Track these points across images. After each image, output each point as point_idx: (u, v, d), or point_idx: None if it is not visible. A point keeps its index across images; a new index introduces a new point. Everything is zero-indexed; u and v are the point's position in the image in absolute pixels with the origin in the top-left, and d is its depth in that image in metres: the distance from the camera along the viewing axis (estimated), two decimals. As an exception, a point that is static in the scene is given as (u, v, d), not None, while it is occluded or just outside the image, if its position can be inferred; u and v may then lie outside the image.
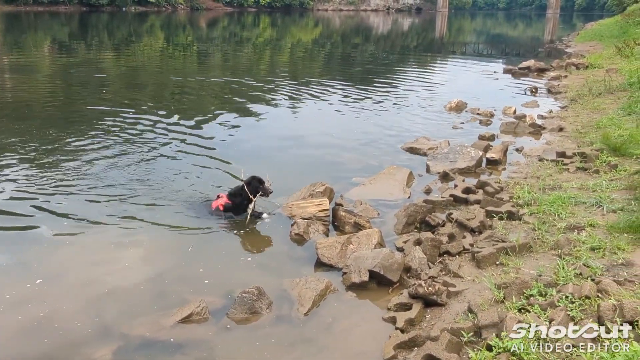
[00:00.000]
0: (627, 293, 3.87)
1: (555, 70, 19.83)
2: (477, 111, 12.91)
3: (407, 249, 5.69)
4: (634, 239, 4.97)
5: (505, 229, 5.88)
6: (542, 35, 57.60)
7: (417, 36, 55.50)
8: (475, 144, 9.58)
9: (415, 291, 4.63)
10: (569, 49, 30.11)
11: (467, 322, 4.06)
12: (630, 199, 6.05)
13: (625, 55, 18.59)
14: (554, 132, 10.54)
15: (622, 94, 12.70)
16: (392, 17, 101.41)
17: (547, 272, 4.62)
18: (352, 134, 10.95)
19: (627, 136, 8.23)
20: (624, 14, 36.15)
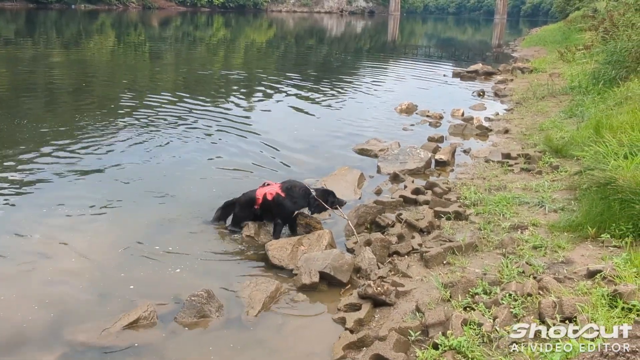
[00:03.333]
0: (567, 290, 4.00)
1: (502, 74, 20.38)
2: (427, 113, 13.14)
3: (357, 250, 5.75)
4: (573, 237, 5.16)
5: (453, 229, 6.02)
6: (490, 39, 59.15)
7: (370, 39, 56.06)
8: (424, 145, 9.76)
9: (364, 291, 4.68)
10: (515, 54, 31.00)
11: (415, 321, 4.12)
12: (570, 199, 6.28)
13: (567, 60, 19.27)
14: (500, 134, 10.84)
15: (564, 98, 13.17)
16: (345, 19, 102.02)
17: (492, 270, 4.74)
18: (304, 135, 10.97)
19: (568, 138, 8.53)
20: (567, 20, 37.43)
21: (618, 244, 4.74)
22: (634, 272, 4.01)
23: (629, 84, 10.00)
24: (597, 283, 4.00)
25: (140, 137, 10.24)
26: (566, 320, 3.57)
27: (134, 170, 8.34)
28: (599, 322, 3.38)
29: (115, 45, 32.02)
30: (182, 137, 10.40)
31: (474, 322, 3.79)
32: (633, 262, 4.14)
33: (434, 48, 44.76)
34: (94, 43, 32.28)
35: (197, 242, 6.02)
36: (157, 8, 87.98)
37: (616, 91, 10.09)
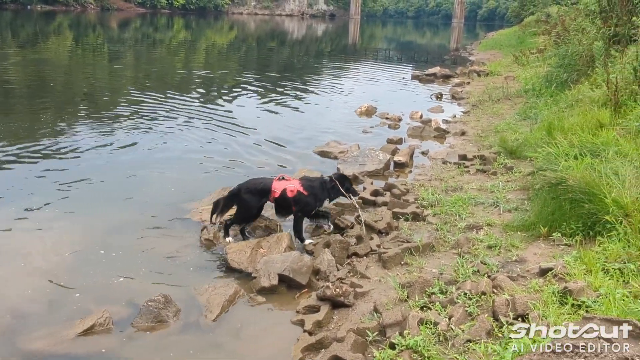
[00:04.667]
0: (519, 288, 4.10)
1: (459, 77, 20.77)
2: (386, 116, 13.26)
3: (316, 252, 5.74)
4: (526, 236, 5.29)
5: (410, 230, 6.09)
6: (448, 43, 60.21)
7: (331, 42, 56.32)
8: (383, 147, 9.85)
9: (323, 293, 4.68)
10: (472, 57, 31.64)
11: (373, 322, 4.15)
12: (523, 199, 6.44)
13: (522, 63, 19.76)
14: (457, 136, 11.04)
15: (518, 100, 13.51)
16: (306, 22, 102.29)
17: (448, 270, 4.82)
18: (266, 136, 10.91)
19: (522, 140, 8.74)
20: (521, 25, 38.39)
21: (568, 243, 4.87)
22: (583, 269, 4.13)
23: (579, 86, 10.32)
24: (549, 281, 4.11)
25: (99, 137, 10.08)
26: (519, 318, 3.65)
27: (93, 171, 8.20)
28: (549, 318, 3.46)
29: (73, 47, 31.30)
30: (144, 138, 10.26)
31: (430, 321, 3.84)
32: (582, 259, 4.26)
33: (393, 51, 45.28)
34: (52, 44, 31.47)
35: (154, 246, 5.91)
36: (116, 9, 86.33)
37: (568, 94, 10.39)
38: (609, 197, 4.67)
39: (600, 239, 4.57)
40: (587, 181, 5.02)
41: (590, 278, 3.93)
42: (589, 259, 4.20)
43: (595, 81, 9.63)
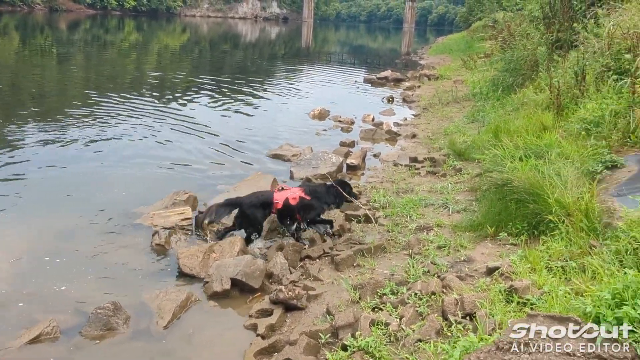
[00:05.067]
0: (468, 287, 4.19)
1: (410, 81, 21.11)
2: (339, 119, 13.35)
3: (269, 255, 5.73)
4: (474, 236, 5.42)
5: (363, 232, 6.14)
6: (400, 47, 61.11)
7: (285, 45, 56.30)
8: (336, 150, 9.92)
9: (276, 297, 4.67)
10: (423, 61, 32.21)
11: (325, 324, 4.17)
12: (471, 200, 6.60)
13: (470, 67, 20.25)
14: (407, 139, 11.22)
15: (467, 103, 13.84)
16: (259, 25, 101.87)
17: (399, 271, 4.88)
18: (219, 140, 10.82)
19: (470, 142, 8.96)
20: (469, 30, 39.41)
21: (514, 242, 5.01)
22: (528, 268, 4.26)
23: (524, 90, 10.64)
24: (495, 279, 4.21)
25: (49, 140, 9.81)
26: (467, 317, 3.73)
27: (41, 174, 7.99)
28: (496, 317, 3.55)
29: (20, 48, 30.22)
30: (95, 141, 10.04)
31: (382, 322, 3.88)
32: (527, 258, 4.39)
33: (346, 55, 45.64)
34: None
35: (104, 252, 5.77)
36: (65, 10, 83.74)
37: (513, 97, 10.71)
38: (552, 198, 4.84)
39: (544, 238, 4.72)
40: (531, 182, 5.19)
41: (535, 276, 4.05)
42: (533, 257, 4.33)
43: (539, 85, 9.95)
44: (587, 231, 4.39)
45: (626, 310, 2.73)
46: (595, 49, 8.34)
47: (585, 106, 7.21)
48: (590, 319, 2.86)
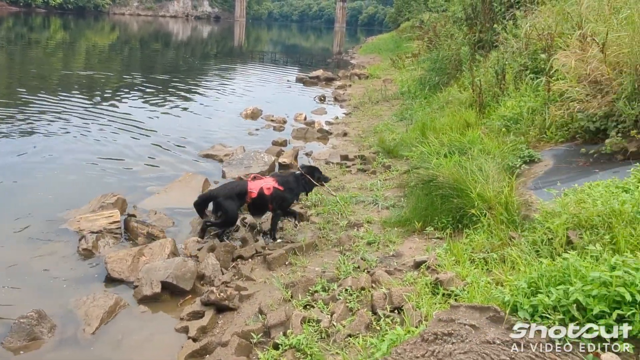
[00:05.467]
0: (396, 281, 4.30)
1: (341, 80, 21.34)
2: (271, 118, 13.34)
3: (201, 257, 5.67)
4: (402, 232, 5.57)
5: (295, 230, 6.18)
6: (331, 47, 61.62)
7: (217, 44, 55.50)
8: (268, 149, 9.92)
9: (207, 298, 4.63)
10: (353, 60, 32.66)
11: (257, 324, 4.17)
12: (400, 196, 6.76)
13: (399, 67, 20.70)
14: (339, 137, 11.35)
15: (396, 102, 14.15)
16: (191, 24, 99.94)
17: (330, 268, 4.95)
18: (149, 141, 10.57)
19: (399, 140, 9.18)
20: (398, 30, 40.28)
21: (440, 236, 5.19)
22: (453, 260, 4.42)
23: (449, 89, 11.01)
24: (422, 273, 4.34)
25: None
26: (395, 310, 3.83)
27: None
28: (422, 309, 3.67)
29: None
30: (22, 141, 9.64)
31: (313, 319, 3.92)
32: (452, 251, 4.55)
33: (279, 54, 45.56)
34: None
35: (28, 258, 5.54)
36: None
37: (439, 96, 11.06)
38: (474, 192, 5.04)
39: (468, 231, 4.91)
40: (455, 178, 5.38)
41: (459, 268, 4.21)
42: (457, 250, 4.50)
43: (463, 84, 10.33)
44: (507, 223, 4.61)
45: (540, 298, 2.87)
46: (514, 49, 8.74)
47: (505, 104, 7.55)
48: (508, 307, 2.98)
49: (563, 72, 6.46)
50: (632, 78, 5.39)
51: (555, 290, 2.90)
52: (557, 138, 6.35)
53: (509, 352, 2.77)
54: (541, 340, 2.79)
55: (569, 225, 3.85)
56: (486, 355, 2.76)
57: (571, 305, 2.79)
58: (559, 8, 8.03)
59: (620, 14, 6.10)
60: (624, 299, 2.67)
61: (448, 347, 2.86)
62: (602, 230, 3.64)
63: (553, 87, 6.54)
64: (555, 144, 6.31)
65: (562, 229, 3.83)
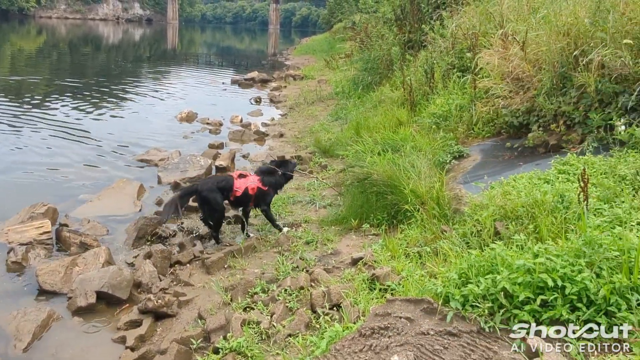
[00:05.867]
0: (334, 279, 4.37)
1: (277, 81, 21.33)
2: (207, 121, 13.19)
3: (137, 264, 5.56)
4: (339, 230, 5.65)
5: (234, 233, 6.16)
6: (266, 48, 61.45)
7: (150, 47, 54.20)
8: (205, 152, 9.81)
9: (145, 306, 4.55)
10: (288, 62, 32.69)
11: (197, 329, 4.13)
12: (336, 194, 6.85)
13: (332, 67, 20.90)
14: (275, 138, 11.37)
15: (330, 102, 14.29)
16: (122, 27, 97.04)
17: (270, 269, 4.97)
18: (81, 147, 10.24)
19: (334, 139, 9.29)
20: (331, 31, 40.62)
21: (376, 232, 5.31)
22: (389, 255, 4.53)
23: (382, 88, 11.24)
24: (359, 269, 4.43)
25: None
26: (334, 307, 3.89)
27: None
28: (360, 305, 3.74)
29: None
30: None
31: (253, 321, 3.93)
32: (388, 247, 4.66)
33: (214, 56, 45.03)
34: None
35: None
36: None
37: (372, 95, 11.26)
38: (408, 188, 5.18)
39: (402, 226, 5.05)
40: (388, 175, 5.51)
41: (394, 263, 4.32)
42: (393, 245, 4.61)
43: (395, 83, 10.56)
44: (439, 217, 4.77)
45: (470, 288, 3.00)
46: (441, 49, 9.03)
47: (435, 102, 7.79)
48: (441, 298, 3.09)
49: (487, 70, 6.73)
50: (551, 74, 5.69)
51: (484, 279, 3.03)
52: (484, 133, 6.62)
53: (442, 342, 2.88)
54: (472, 329, 2.92)
55: (496, 217, 4.03)
56: (421, 346, 2.86)
57: (499, 293, 2.93)
58: (482, 8, 8.35)
59: (538, 13, 6.42)
60: (547, 285, 2.83)
61: (385, 341, 2.94)
62: (526, 220, 3.83)
63: (479, 84, 6.80)
64: (482, 139, 6.58)
65: (489, 220, 4.01)
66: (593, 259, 2.91)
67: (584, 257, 2.93)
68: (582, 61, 5.38)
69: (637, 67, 5.00)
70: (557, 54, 5.71)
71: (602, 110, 5.24)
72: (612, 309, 2.69)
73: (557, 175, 4.46)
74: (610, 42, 5.20)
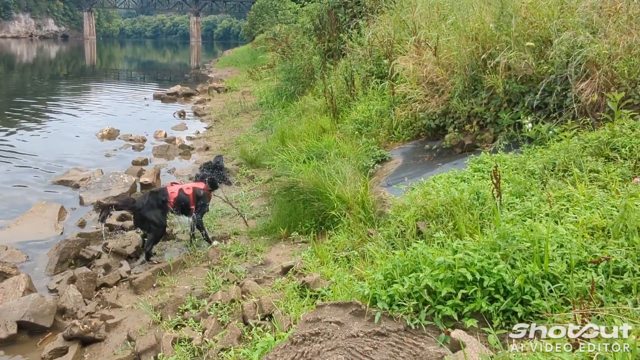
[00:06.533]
0: (265, 290, 4.37)
1: (200, 94, 21.08)
2: (130, 137, 12.86)
3: (61, 289, 5.35)
4: (269, 239, 5.66)
5: (161, 250, 6.03)
6: (189, 61, 60.54)
7: (67, 64, 52.14)
8: (128, 170, 9.57)
9: (70, 332, 4.38)
10: (211, 74, 32.34)
11: (127, 352, 4.03)
12: (265, 205, 6.86)
13: (256, 78, 20.86)
14: (201, 152, 11.23)
15: (255, 113, 14.27)
16: (36, 44, 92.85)
17: (200, 284, 4.91)
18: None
19: (260, 149, 9.29)
20: (253, 42, 40.55)
21: (305, 240, 5.35)
22: (318, 262, 4.58)
23: (305, 97, 11.34)
24: (290, 278, 4.47)
25: None
26: (266, 318, 3.90)
27: None
28: (291, 313, 3.77)
29: None
30: None
31: (185, 338, 3.87)
32: (317, 253, 4.72)
33: (135, 71, 43.91)
34: None
35: None
36: None
37: (296, 104, 11.35)
38: (333, 194, 5.27)
39: (330, 232, 5.13)
40: (314, 182, 5.59)
41: (324, 269, 4.38)
42: (321, 252, 4.67)
43: (317, 91, 10.69)
44: (365, 221, 4.87)
45: (396, 288, 3.08)
46: (360, 56, 9.24)
47: (356, 108, 7.95)
48: (369, 300, 3.16)
49: (404, 76, 6.96)
50: (462, 77, 5.96)
51: (407, 278, 3.13)
52: (404, 137, 6.83)
53: (372, 343, 2.94)
54: (399, 327, 3.01)
55: (418, 217, 4.17)
56: (352, 349, 2.91)
57: (422, 291, 3.03)
58: (395, 16, 8.63)
59: (448, 20, 6.71)
60: (467, 279, 2.95)
61: (316, 347, 2.98)
62: (445, 218, 3.99)
63: (396, 90, 7.01)
64: (403, 143, 6.78)
65: (412, 220, 4.14)
66: (507, 251, 3.06)
67: (499, 250, 3.08)
68: (490, 64, 5.68)
69: (539, 68, 5.32)
70: (467, 58, 5.99)
71: (511, 110, 5.54)
72: (527, 297, 2.84)
73: (472, 173, 4.66)
74: (514, 45, 5.51)
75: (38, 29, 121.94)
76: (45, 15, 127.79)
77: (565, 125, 4.53)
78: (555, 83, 5.18)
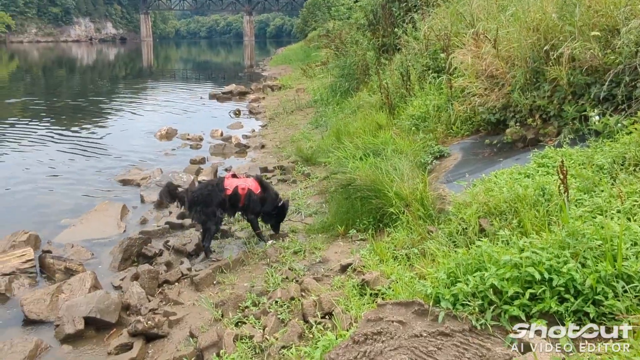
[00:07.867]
0: (325, 288, 4.36)
1: (255, 93, 21.31)
2: (187, 136, 13.14)
3: (125, 286, 5.50)
4: (327, 237, 5.65)
5: (220, 248, 6.12)
6: (242, 60, 61.40)
7: (125, 66, 53.92)
8: (187, 168, 9.77)
9: (134, 328, 4.49)
10: (265, 72, 32.66)
11: (189, 348, 4.09)
12: (322, 202, 6.86)
13: (309, 76, 20.91)
14: (257, 150, 11.36)
15: (309, 110, 14.30)
16: (96, 47, 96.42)
17: (259, 282, 4.94)
18: (60, 170, 10.12)
19: (316, 147, 9.30)
20: (306, 40, 40.69)
21: (363, 237, 5.31)
22: (377, 260, 4.53)
23: (360, 93, 11.28)
24: (349, 276, 4.43)
25: None
26: (326, 316, 3.88)
27: None
28: (352, 311, 3.74)
29: None
30: None
31: (246, 335, 3.90)
32: (376, 251, 4.67)
33: (190, 71, 44.90)
34: None
35: None
36: None
37: (350, 101, 11.30)
38: (391, 191, 5.20)
39: (389, 229, 5.06)
40: (372, 179, 5.53)
41: (383, 267, 4.33)
42: (380, 249, 4.62)
43: (372, 87, 10.61)
44: (424, 218, 4.79)
45: (460, 287, 3.01)
46: (415, 51, 9.09)
47: (412, 104, 7.84)
48: (431, 299, 3.09)
49: (462, 69, 6.80)
50: (523, 70, 5.77)
51: (472, 277, 3.05)
52: (462, 132, 6.67)
53: (436, 343, 2.88)
54: (464, 327, 2.93)
55: (480, 214, 4.06)
56: (415, 349, 2.86)
57: (488, 290, 2.94)
58: (452, 9, 8.45)
59: (507, 11, 6.51)
60: (534, 278, 2.85)
61: (379, 346, 2.94)
62: (509, 216, 3.86)
63: (454, 84, 6.87)
64: (461, 138, 6.63)
65: (474, 218, 4.03)
66: (577, 249, 2.94)
67: (568, 248, 2.96)
68: (552, 55, 5.46)
69: (606, 58, 5.08)
70: (529, 50, 5.79)
71: (576, 102, 5.32)
72: (599, 298, 2.72)
73: (536, 168, 4.50)
74: (578, 35, 5.28)
75: (97, 32, 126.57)
76: (104, 18, 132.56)
77: (635, 118, 4.32)
78: (624, 73, 4.93)
